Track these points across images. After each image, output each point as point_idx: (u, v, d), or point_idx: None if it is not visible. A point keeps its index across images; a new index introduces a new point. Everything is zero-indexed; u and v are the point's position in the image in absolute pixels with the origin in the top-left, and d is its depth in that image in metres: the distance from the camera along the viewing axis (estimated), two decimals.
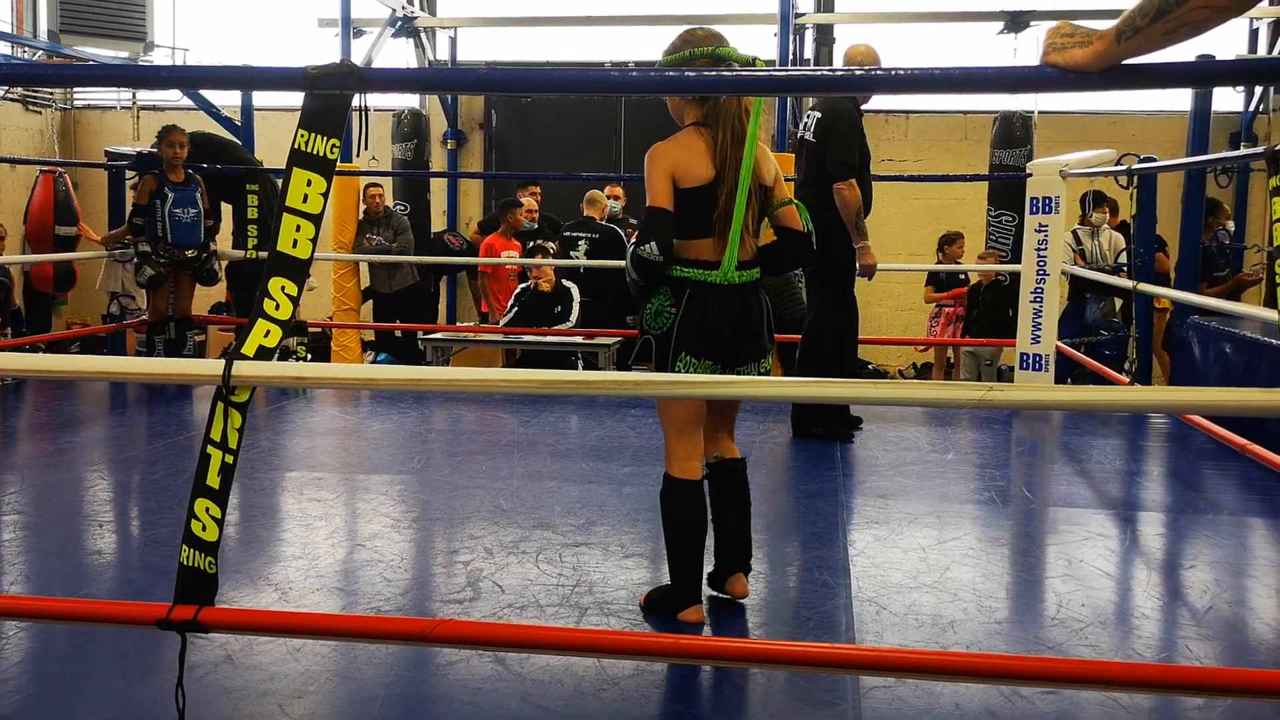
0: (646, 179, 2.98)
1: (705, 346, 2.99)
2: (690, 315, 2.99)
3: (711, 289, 2.99)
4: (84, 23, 9.57)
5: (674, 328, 3.00)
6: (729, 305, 2.99)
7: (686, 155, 2.98)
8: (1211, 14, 1.70)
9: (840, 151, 5.24)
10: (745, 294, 3.03)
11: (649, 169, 2.98)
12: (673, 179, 2.96)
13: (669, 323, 3.00)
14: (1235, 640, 3.10)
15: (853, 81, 3.12)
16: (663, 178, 2.95)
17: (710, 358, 3.00)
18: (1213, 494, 4.76)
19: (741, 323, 3.01)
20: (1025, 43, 10.20)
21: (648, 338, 3.05)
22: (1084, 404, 2.41)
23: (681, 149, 2.99)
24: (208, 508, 2.19)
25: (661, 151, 3.00)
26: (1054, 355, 6.51)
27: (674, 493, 3.07)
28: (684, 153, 2.98)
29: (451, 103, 12.35)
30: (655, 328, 3.03)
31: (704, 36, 3.03)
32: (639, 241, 2.96)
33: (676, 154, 2.99)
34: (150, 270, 7.03)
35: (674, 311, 3.00)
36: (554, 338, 8.10)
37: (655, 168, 2.97)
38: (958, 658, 2.66)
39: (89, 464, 5.16)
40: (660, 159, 2.98)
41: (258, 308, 2.21)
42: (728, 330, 2.99)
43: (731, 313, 3.00)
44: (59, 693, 2.61)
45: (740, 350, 3.03)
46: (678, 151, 2.99)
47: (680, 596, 3.08)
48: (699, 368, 3.00)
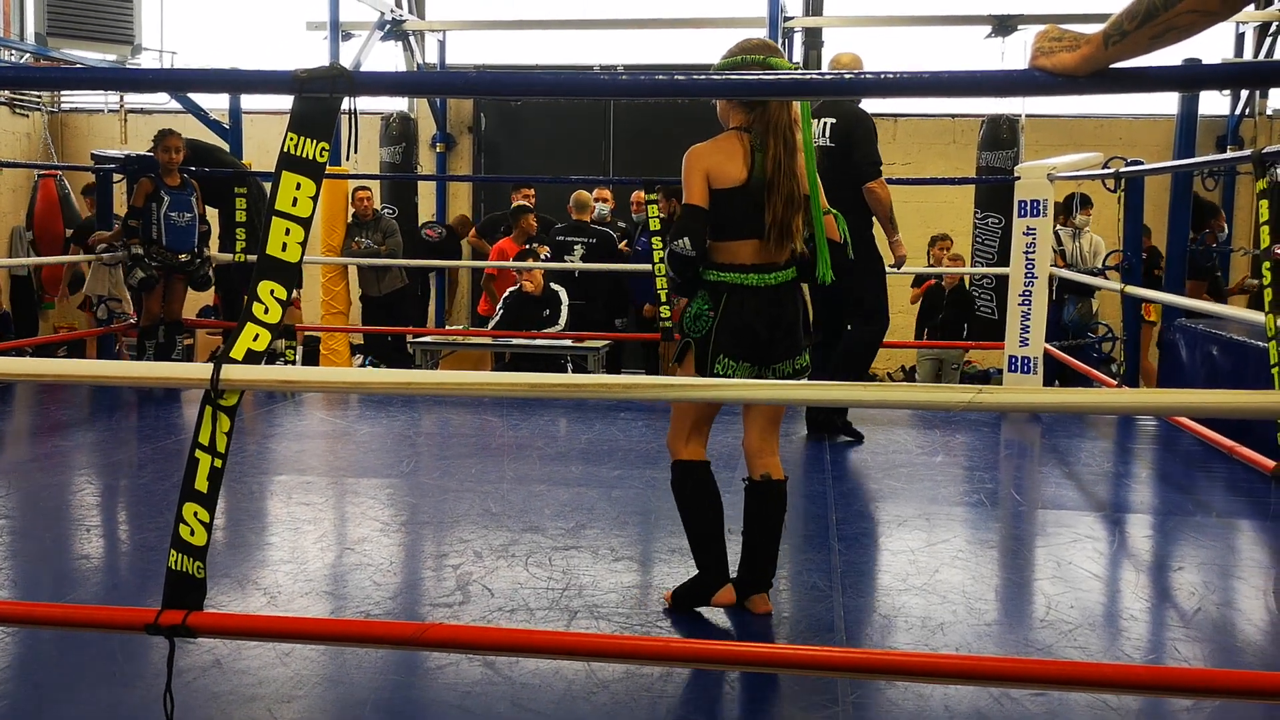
0: (684, 178, 3.04)
1: (742, 348, 3.04)
2: (728, 318, 3.04)
3: (749, 291, 3.04)
4: (71, 25, 9.55)
5: (712, 331, 3.04)
6: (766, 307, 3.04)
7: (722, 157, 3.04)
8: (1198, 18, 1.70)
9: (868, 151, 5.41)
10: (781, 294, 3.07)
11: (686, 169, 3.04)
12: (708, 179, 3.02)
13: (708, 325, 3.05)
14: (1223, 641, 3.10)
15: (843, 85, 3.12)
16: (699, 177, 3.02)
17: (747, 359, 3.05)
18: (1200, 496, 4.78)
19: (777, 323, 3.06)
20: (1013, 46, 10.25)
21: (688, 341, 3.10)
22: (1073, 406, 2.42)
23: (718, 151, 3.06)
24: (196, 512, 2.18)
25: (699, 153, 3.06)
26: (1043, 358, 6.53)
27: (686, 475, 3.14)
28: (720, 155, 3.05)
29: (440, 106, 12.35)
30: (695, 331, 3.08)
31: (756, 45, 3.08)
32: (673, 238, 3.00)
33: (713, 156, 3.05)
34: (141, 273, 7.02)
35: (712, 315, 3.05)
36: (543, 341, 8.10)
37: (692, 168, 3.03)
38: (947, 660, 2.66)
39: (77, 468, 5.14)
40: (697, 160, 3.04)
41: (247, 311, 2.20)
42: (764, 332, 3.04)
43: (769, 314, 3.04)
44: (46, 698, 2.60)
45: (776, 350, 3.07)
46: (714, 154, 3.05)
47: (709, 581, 3.13)
48: (737, 370, 3.05)
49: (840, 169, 5.33)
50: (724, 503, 3.17)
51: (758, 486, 3.16)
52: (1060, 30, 1.92)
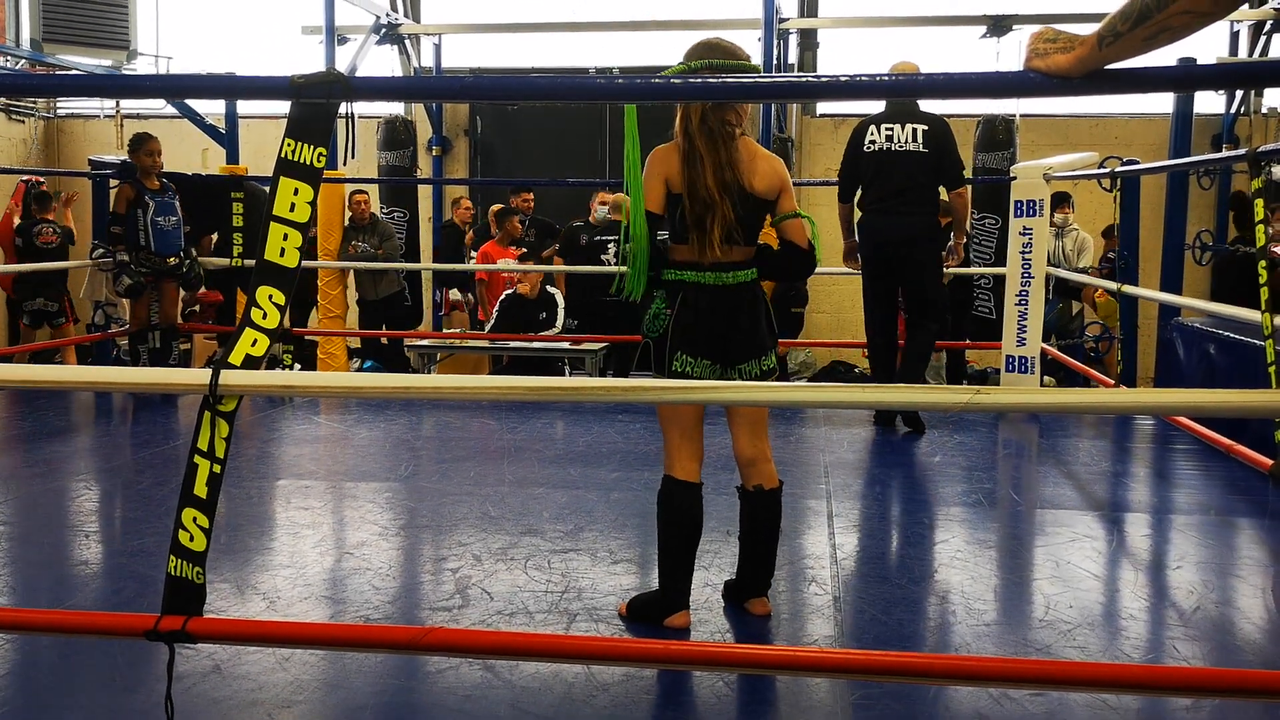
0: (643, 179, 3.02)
1: (699, 346, 3.02)
2: (683, 316, 3.02)
3: (704, 290, 3.02)
4: (67, 31, 9.53)
5: (669, 329, 3.03)
6: (722, 305, 3.02)
7: (676, 159, 3.01)
8: (1192, 19, 1.71)
9: (958, 160, 5.91)
10: (739, 293, 3.04)
11: (645, 171, 3.01)
12: (665, 182, 3.01)
13: (664, 324, 3.04)
14: (1222, 640, 3.11)
15: (840, 88, 3.11)
16: (657, 181, 3.01)
17: (706, 357, 3.03)
18: (1198, 495, 4.78)
19: (735, 322, 3.03)
20: (1008, 47, 10.25)
21: (648, 341, 3.09)
22: (1071, 407, 2.43)
23: (674, 152, 3.03)
24: (195, 517, 2.18)
25: (656, 156, 3.05)
26: (1040, 357, 6.54)
27: (671, 494, 3.08)
28: (675, 156, 3.02)
29: (436, 109, 12.34)
30: (653, 330, 3.07)
31: (730, 49, 3.03)
32: (622, 244, 3.00)
33: (670, 158, 3.03)
34: (129, 279, 7.01)
35: (669, 313, 3.04)
36: (540, 344, 8.09)
37: (651, 172, 3.02)
38: (946, 660, 2.66)
39: (75, 474, 5.13)
40: (655, 163, 3.04)
41: (245, 316, 2.20)
42: (721, 329, 3.02)
43: (725, 312, 3.02)
44: (47, 704, 2.60)
45: (735, 349, 3.04)
46: (671, 155, 3.03)
47: (668, 601, 3.09)
48: (695, 367, 3.02)
49: (933, 172, 5.80)
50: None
51: (750, 496, 3.15)
52: (1055, 31, 1.93)
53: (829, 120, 11.85)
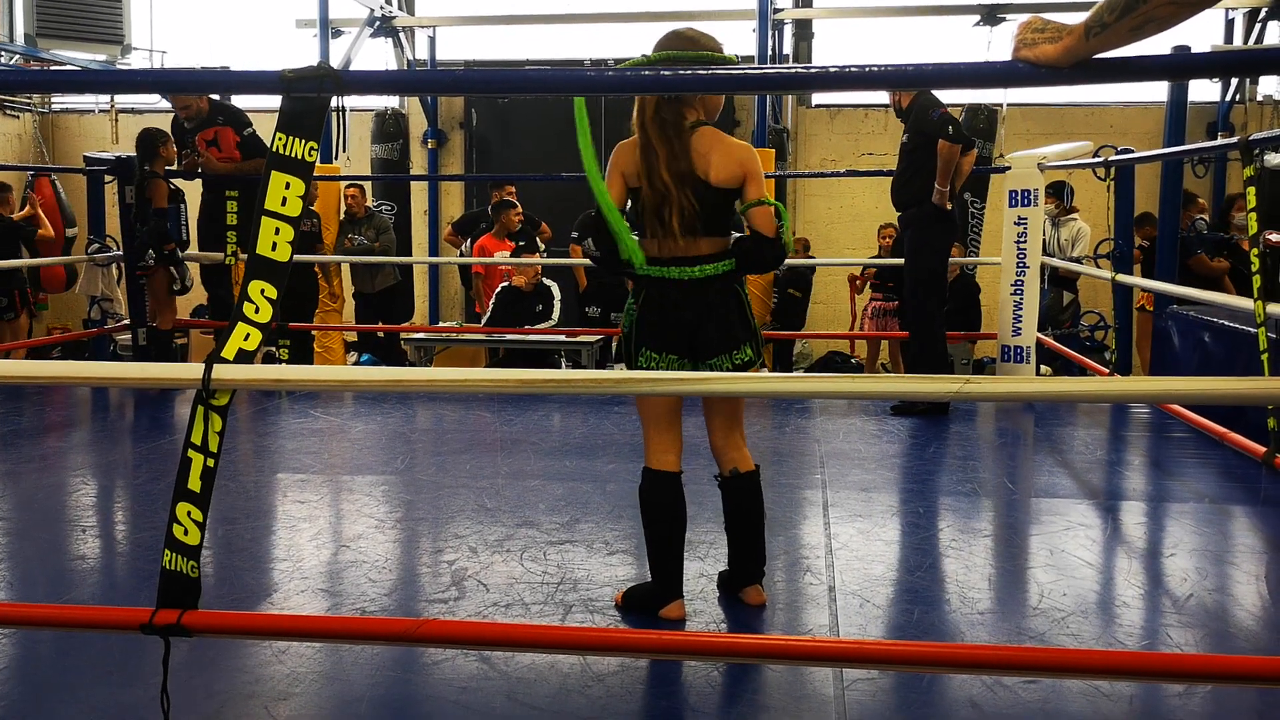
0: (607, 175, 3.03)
1: (663, 340, 3.01)
2: (647, 310, 3.02)
3: (670, 284, 3.00)
4: (61, 26, 9.53)
5: (634, 324, 3.04)
6: (688, 299, 2.99)
7: (635, 154, 3.01)
8: (1178, 9, 1.71)
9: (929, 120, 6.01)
10: (708, 287, 3.01)
11: (608, 166, 3.03)
12: (623, 176, 3.02)
13: (633, 319, 3.05)
14: (1216, 627, 3.12)
15: (829, 78, 3.11)
16: (616, 176, 3.02)
17: (672, 351, 3.02)
18: (1193, 482, 4.80)
19: (705, 316, 3.00)
20: (1000, 36, 10.26)
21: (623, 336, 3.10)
22: (1062, 395, 2.44)
23: (633, 147, 3.03)
24: (190, 511, 2.19)
25: (617, 151, 3.06)
26: (1035, 347, 6.55)
27: (650, 486, 3.09)
28: (634, 151, 3.02)
29: (431, 102, 12.34)
30: (625, 325, 3.09)
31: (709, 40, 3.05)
32: (579, 240, 3.01)
33: (629, 153, 3.03)
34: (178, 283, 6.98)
35: (636, 308, 3.05)
36: (536, 336, 8.10)
37: (612, 167, 3.04)
38: (940, 649, 2.67)
39: (71, 468, 5.14)
40: (615, 158, 3.05)
41: (238, 311, 2.21)
42: (689, 322, 3.00)
43: (691, 307, 3.00)
44: (44, 698, 2.61)
45: (704, 344, 3.02)
46: (630, 150, 3.03)
47: (660, 593, 3.10)
48: (661, 362, 3.01)
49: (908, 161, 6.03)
50: (719, 496, 3.18)
51: (728, 482, 3.15)
52: (1043, 21, 1.93)
53: (824, 111, 11.84)
